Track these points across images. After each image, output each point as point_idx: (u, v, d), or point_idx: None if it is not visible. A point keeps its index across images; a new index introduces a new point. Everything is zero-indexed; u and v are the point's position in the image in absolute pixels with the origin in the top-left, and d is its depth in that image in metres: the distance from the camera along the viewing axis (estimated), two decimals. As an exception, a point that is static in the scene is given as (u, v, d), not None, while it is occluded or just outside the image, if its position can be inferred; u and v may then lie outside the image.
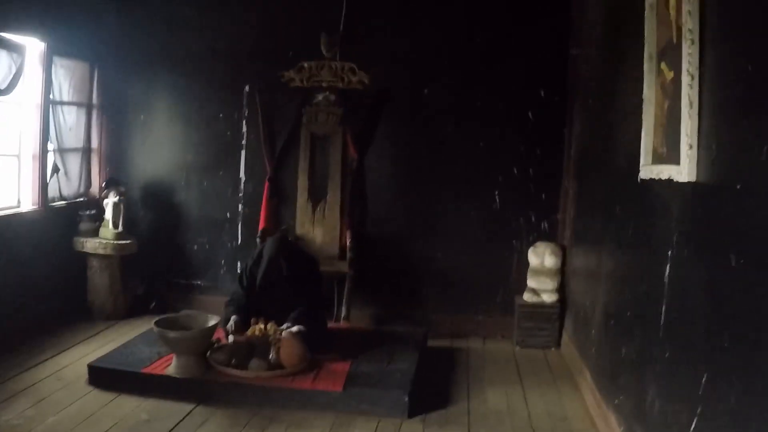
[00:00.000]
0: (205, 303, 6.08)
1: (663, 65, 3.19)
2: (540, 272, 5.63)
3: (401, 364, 4.65)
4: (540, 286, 5.61)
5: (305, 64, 5.73)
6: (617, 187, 4.08)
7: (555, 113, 5.73)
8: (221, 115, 6.16)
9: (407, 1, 5.83)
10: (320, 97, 5.79)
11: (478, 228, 5.90)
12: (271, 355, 4.43)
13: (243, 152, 6.15)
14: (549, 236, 5.81)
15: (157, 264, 6.28)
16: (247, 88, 6.06)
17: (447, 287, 5.95)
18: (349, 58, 5.71)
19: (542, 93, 5.75)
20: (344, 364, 4.59)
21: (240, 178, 6.18)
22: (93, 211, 6.02)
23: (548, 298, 5.59)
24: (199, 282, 6.31)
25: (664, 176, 3.05)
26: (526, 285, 5.71)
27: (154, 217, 6.34)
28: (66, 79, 5.91)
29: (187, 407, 4.14)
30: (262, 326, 4.64)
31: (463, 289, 5.94)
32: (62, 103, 5.89)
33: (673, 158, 2.89)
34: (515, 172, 5.83)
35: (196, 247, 6.30)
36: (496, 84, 5.79)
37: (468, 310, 5.93)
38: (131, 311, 6.10)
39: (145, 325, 5.69)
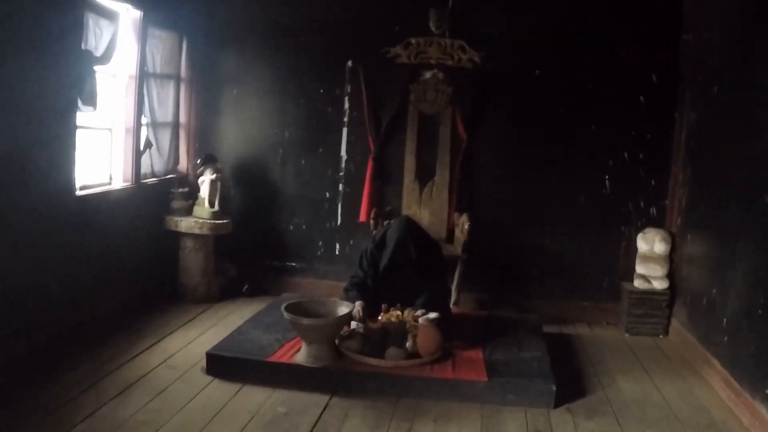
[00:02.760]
0: (300, 285, 5.97)
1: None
2: (650, 258, 5.55)
3: (533, 352, 4.55)
4: (650, 273, 5.53)
5: (413, 40, 5.55)
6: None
7: (666, 98, 5.61)
8: (321, 91, 5.91)
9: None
10: (428, 74, 5.61)
11: (587, 213, 5.79)
12: (408, 343, 4.27)
13: (345, 129, 5.92)
14: (657, 222, 5.71)
15: (250, 245, 6.05)
16: (349, 63, 5.81)
17: (553, 272, 5.85)
18: (458, 35, 5.51)
19: (654, 78, 5.62)
20: (476, 352, 4.47)
21: (341, 157, 5.96)
22: (186, 189, 5.76)
23: (659, 284, 5.51)
24: (294, 264, 6.09)
25: None
26: (633, 271, 5.63)
27: (247, 196, 6.09)
28: (157, 50, 5.60)
29: (322, 398, 3.94)
30: (399, 312, 4.49)
31: (570, 274, 5.84)
32: (154, 75, 5.59)
33: None
34: (625, 156, 5.71)
35: (291, 227, 6.08)
36: (608, 68, 5.65)
37: (574, 296, 5.83)
38: (224, 294, 5.87)
39: (241, 308, 5.55)
